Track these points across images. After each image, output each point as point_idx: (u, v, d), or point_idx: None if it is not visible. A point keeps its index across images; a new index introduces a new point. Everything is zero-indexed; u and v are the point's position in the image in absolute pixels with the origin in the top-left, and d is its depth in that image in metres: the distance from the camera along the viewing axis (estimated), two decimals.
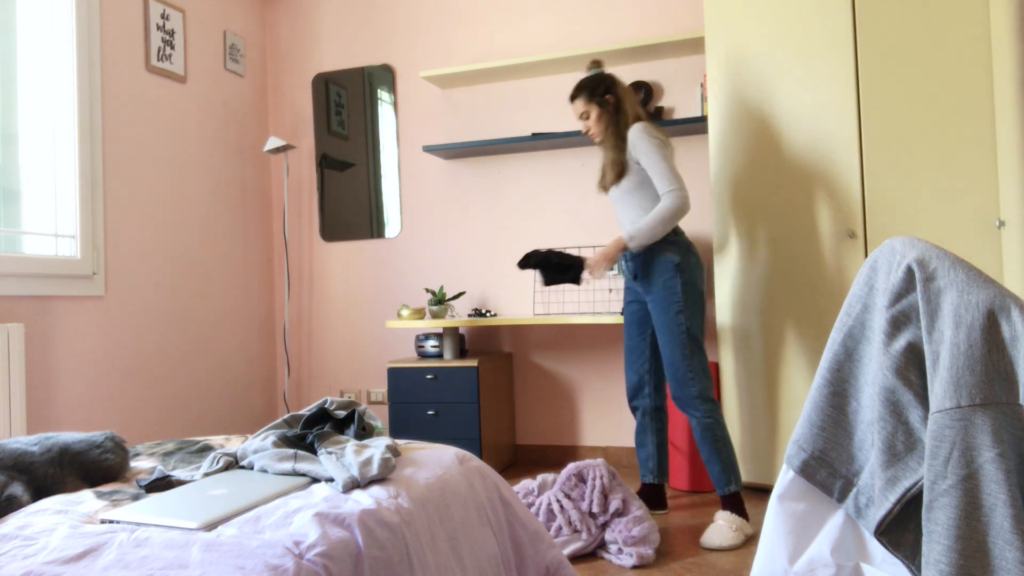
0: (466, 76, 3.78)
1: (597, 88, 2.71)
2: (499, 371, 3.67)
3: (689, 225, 3.57)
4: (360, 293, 4.16)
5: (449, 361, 3.50)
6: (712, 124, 3.17)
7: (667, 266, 2.61)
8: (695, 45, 3.43)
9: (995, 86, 2.70)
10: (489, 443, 3.45)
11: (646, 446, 2.85)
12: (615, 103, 2.70)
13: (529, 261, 2.77)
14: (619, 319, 3.20)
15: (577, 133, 3.52)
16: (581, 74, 3.76)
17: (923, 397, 1.00)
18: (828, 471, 1.09)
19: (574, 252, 3.74)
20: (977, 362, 0.93)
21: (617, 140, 2.68)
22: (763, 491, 3.05)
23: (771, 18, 3.03)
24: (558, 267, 2.74)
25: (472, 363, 3.42)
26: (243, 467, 1.51)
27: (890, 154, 2.83)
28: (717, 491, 2.58)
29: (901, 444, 1.00)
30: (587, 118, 2.72)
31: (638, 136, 2.61)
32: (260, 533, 1.16)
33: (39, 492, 1.38)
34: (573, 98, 2.74)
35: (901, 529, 1.01)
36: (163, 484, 1.44)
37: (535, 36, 3.83)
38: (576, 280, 2.74)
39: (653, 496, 2.85)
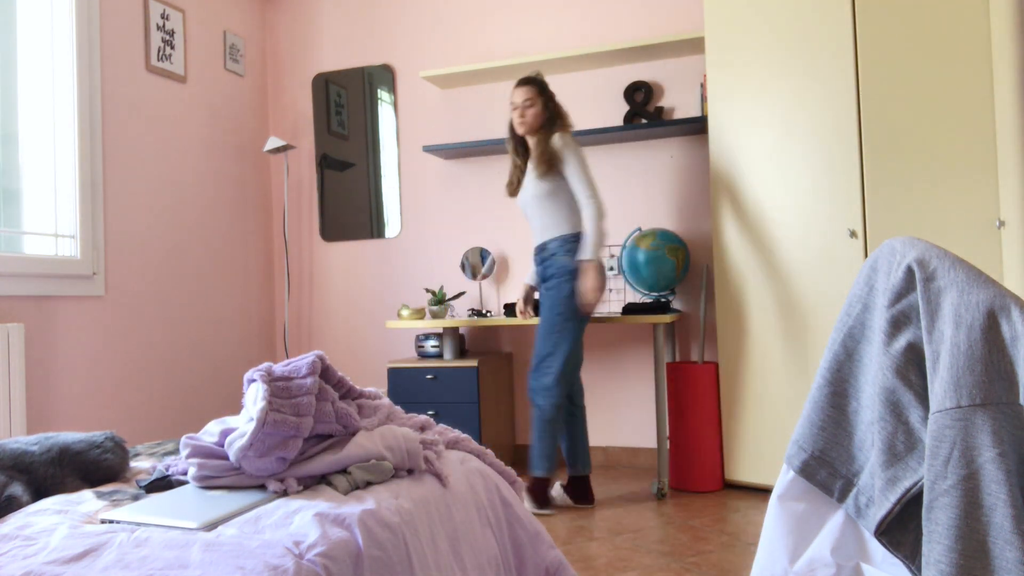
0: (466, 76, 3.78)
1: (546, 88, 3.00)
2: (499, 371, 3.67)
3: (689, 225, 3.57)
4: (360, 293, 4.16)
5: (449, 361, 3.50)
6: (712, 124, 3.17)
7: (560, 270, 2.89)
8: (695, 45, 3.43)
9: (995, 86, 2.70)
10: (489, 443, 3.45)
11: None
12: (554, 109, 2.99)
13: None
14: (619, 319, 3.19)
15: (576, 133, 3.51)
16: (581, 74, 3.77)
17: (923, 397, 1.00)
18: (828, 471, 1.09)
19: None
20: (977, 362, 0.93)
21: (539, 144, 2.93)
22: (763, 491, 3.05)
23: (771, 18, 3.03)
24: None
25: (472, 363, 3.42)
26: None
27: (890, 154, 2.83)
28: (530, 469, 2.90)
29: (901, 444, 1.00)
30: (530, 107, 2.94)
31: (551, 144, 2.90)
32: (260, 533, 1.16)
33: (39, 492, 1.38)
34: (524, 83, 2.96)
35: (901, 529, 1.01)
36: (163, 484, 1.44)
37: (535, 36, 3.83)
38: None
39: (583, 489, 3.01)
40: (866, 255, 2.86)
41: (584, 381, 3.76)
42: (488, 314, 3.66)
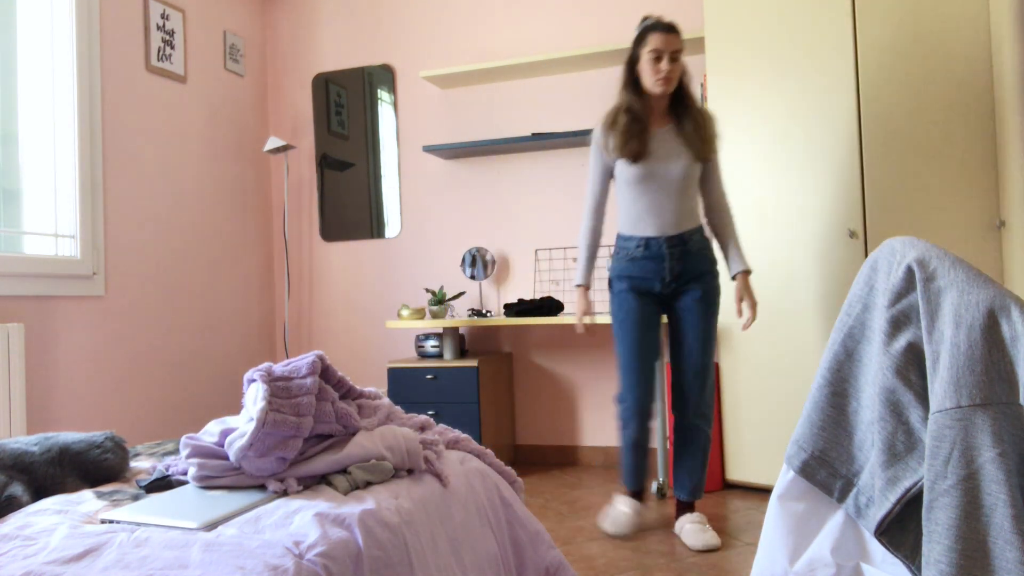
0: (466, 76, 3.78)
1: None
2: (499, 371, 3.67)
3: None
4: (360, 293, 4.16)
5: (449, 361, 3.50)
6: None
7: (713, 266, 2.56)
8: (695, 45, 3.43)
9: (995, 86, 2.70)
10: (489, 443, 3.45)
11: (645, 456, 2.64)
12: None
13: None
14: None
15: (577, 133, 3.52)
16: (581, 74, 3.77)
17: (923, 397, 1.00)
18: (828, 471, 1.09)
19: (574, 253, 3.74)
20: (977, 362, 0.93)
21: (695, 113, 2.50)
22: (763, 491, 3.05)
23: (771, 18, 3.03)
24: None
25: (472, 363, 3.42)
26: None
27: (890, 154, 2.83)
28: (694, 497, 2.58)
29: (901, 444, 1.00)
30: (675, 60, 2.43)
31: (716, 126, 2.53)
32: (260, 533, 1.16)
33: (39, 492, 1.38)
34: (671, 30, 2.43)
35: (901, 529, 1.01)
36: (163, 484, 1.44)
37: (535, 36, 3.83)
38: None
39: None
40: (866, 255, 2.86)
41: (584, 381, 3.77)
42: (488, 314, 3.66)
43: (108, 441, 1.56)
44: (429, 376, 3.47)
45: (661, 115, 2.54)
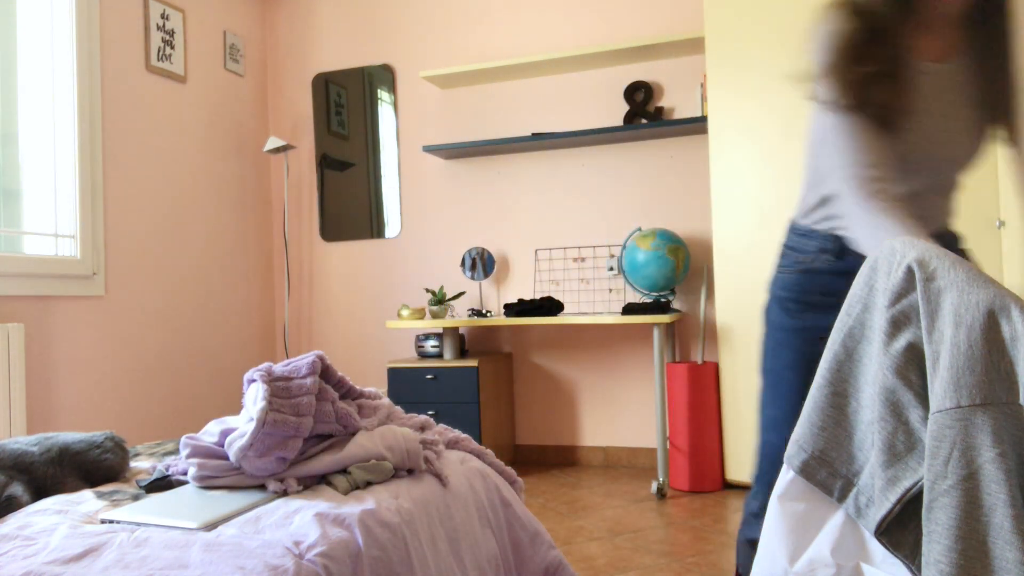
0: (466, 76, 3.78)
1: None
2: (499, 371, 3.67)
3: (690, 225, 3.57)
4: (360, 293, 4.16)
5: (449, 361, 3.50)
6: (712, 124, 3.17)
7: None
8: (695, 45, 3.43)
9: None
10: (489, 443, 3.44)
11: None
12: None
13: None
14: (619, 319, 3.18)
15: (576, 133, 3.51)
16: (581, 74, 3.77)
17: (923, 397, 1.00)
18: (828, 471, 1.09)
19: (574, 253, 3.74)
20: (977, 362, 0.93)
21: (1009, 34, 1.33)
22: None
23: (771, 18, 3.03)
24: None
25: (472, 363, 3.42)
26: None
27: None
28: None
29: (901, 444, 1.00)
30: None
31: None
32: (260, 533, 1.16)
33: (39, 492, 1.38)
34: None
35: (901, 529, 1.01)
36: (163, 484, 1.44)
37: (535, 36, 3.83)
38: None
39: None
40: None
41: (584, 381, 3.77)
42: (488, 314, 3.66)
43: (108, 441, 1.56)
44: (429, 376, 3.47)
45: (944, 34, 1.35)
